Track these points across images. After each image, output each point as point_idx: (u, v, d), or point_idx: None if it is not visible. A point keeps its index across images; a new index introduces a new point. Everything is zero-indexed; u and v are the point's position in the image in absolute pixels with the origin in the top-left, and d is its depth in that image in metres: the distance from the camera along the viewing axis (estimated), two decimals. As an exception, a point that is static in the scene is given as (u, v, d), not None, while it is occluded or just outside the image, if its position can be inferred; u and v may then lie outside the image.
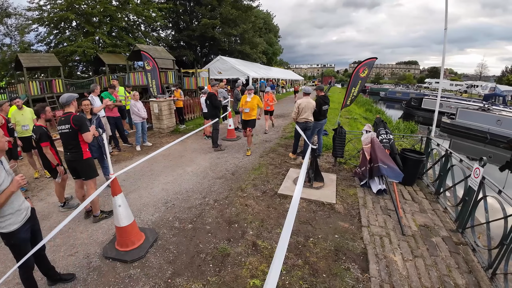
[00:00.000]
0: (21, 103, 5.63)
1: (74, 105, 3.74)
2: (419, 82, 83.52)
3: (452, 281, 2.72)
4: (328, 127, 8.86)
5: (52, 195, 4.77)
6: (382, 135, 5.12)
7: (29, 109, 5.77)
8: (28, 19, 19.53)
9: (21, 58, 13.57)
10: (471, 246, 3.24)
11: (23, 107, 5.67)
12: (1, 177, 2.11)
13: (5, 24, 18.49)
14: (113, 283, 2.81)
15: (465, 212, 3.45)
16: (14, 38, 19.28)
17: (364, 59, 8.28)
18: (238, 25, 28.28)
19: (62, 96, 3.71)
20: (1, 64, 17.86)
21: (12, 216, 2.21)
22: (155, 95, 9.45)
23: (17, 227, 2.24)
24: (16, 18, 19.11)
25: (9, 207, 2.19)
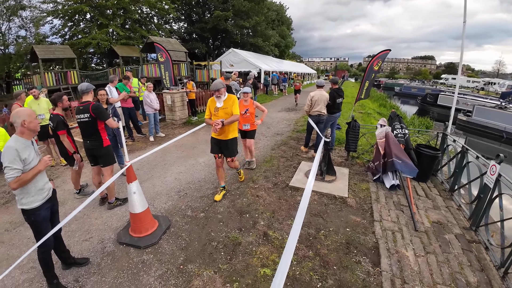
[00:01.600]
0: (38, 93, 5.77)
1: (92, 94, 3.82)
2: (435, 77, 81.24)
3: (464, 279, 2.67)
4: (341, 121, 8.73)
5: (67, 183, 4.90)
6: (397, 130, 5.00)
7: (45, 99, 5.91)
8: (43, 11, 19.87)
9: (36, 49, 13.88)
10: (484, 244, 3.17)
11: (39, 97, 5.82)
12: (31, 156, 2.29)
13: (20, 16, 18.80)
14: (126, 268, 2.88)
15: (479, 210, 3.37)
16: (29, 31, 19.66)
17: (378, 52, 8.10)
18: (251, 17, 28.07)
19: (81, 84, 3.80)
20: (16, 56, 18.30)
21: (35, 195, 2.35)
22: (168, 87, 9.51)
23: (38, 205, 2.37)
24: (31, 11, 19.44)
25: (33, 186, 2.33)
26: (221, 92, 3.81)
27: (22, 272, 2.87)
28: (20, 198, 2.32)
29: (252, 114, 5.13)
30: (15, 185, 2.20)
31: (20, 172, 2.20)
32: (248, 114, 5.06)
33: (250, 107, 5.08)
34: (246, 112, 5.03)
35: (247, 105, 5.08)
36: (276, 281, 1.48)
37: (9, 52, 18.61)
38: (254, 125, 5.22)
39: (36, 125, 2.38)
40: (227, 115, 3.85)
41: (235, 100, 3.91)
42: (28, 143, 2.34)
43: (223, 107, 3.87)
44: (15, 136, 2.31)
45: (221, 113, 3.87)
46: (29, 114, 2.33)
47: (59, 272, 2.75)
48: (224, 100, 3.87)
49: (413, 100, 29.09)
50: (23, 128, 2.30)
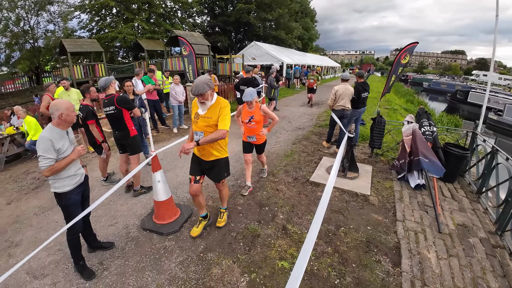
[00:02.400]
0: (68, 84, 6.03)
1: (113, 86, 3.96)
2: (466, 73, 76.90)
3: (486, 284, 2.56)
4: (366, 117, 8.47)
5: (95, 170, 5.15)
6: (425, 127, 4.78)
7: (75, 90, 6.16)
8: (70, 6, 20.57)
9: (65, 43, 14.47)
10: (509, 250, 3.00)
11: (70, 88, 6.09)
12: (65, 146, 2.39)
13: (48, 11, 19.51)
14: (149, 253, 2.99)
15: (506, 214, 3.18)
16: (58, 25, 20.38)
17: (405, 45, 7.78)
18: (274, 9, 27.70)
19: (100, 80, 3.94)
20: (45, 49, 19.11)
21: (67, 179, 2.46)
22: (191, 80, 9.66)
23: (69, 189, 2.48)
24: (58, 6, 20.12)
25: (66, 171, 2.44)
26: (205, 97, 2.70)
27: (49, 254, 3.05)
28: (53, 182, 2.43)
29: (259, 123, 3.97)
30: (48, 173, 2.30)
31: (54, 161, 2.30)
32: (253, 123, 3.92)
33: (256, 114, 3.90)
34: (251, 121, 3.91)
35: (252, 111, 3.91)
36: (294, 274, 1.47)
37: (38, 46, 19.38)
38: (262, 136, 4.10)
39: (73, 118, 2.45)
40: (209, 128, 2.79)
41: (225, 108, 2.78)
42: (63, 133, 2.43)
43: (205, 116, 2.78)
44: (50, 126, 2.39)
45: (201, 124, 2.81)
46: (67, 107, 2.40)
47: (85, 254, 2.88)
48: (210, 107, 2.78)
49: (442, 97, 27.68)
50: (60, 120, 2.37)
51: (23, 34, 18.25)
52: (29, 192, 4.58)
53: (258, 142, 4.13)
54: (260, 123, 4.01)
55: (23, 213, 3.93)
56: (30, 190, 4.65)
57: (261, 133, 4.05)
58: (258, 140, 4.09)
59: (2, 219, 3.82)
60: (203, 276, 2.67)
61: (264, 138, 4.20)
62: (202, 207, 3.27)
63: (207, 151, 2.91)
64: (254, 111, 3.91)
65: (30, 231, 3.49)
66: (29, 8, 18.15)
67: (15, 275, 2.75)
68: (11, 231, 3.53)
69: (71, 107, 2.44)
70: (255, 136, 4.03)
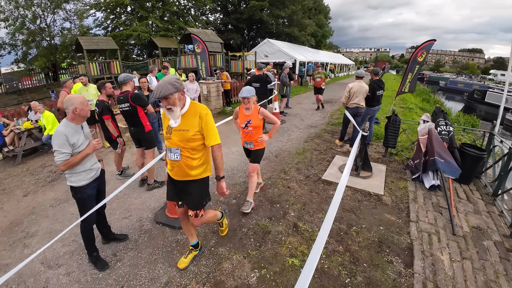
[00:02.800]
0: (86, 80, 6.20)
1: (131, 84, 4.03)
2: (483, 72, 74.45)
3: None
4: (380, 116, 8.31)
5: (110, 165, 5.27)
6: (441, 127, 4.67)
7: (94, 86, 6.30)
8: (86, 4, 20.99)
9: (81, 41, 14.78)
10: None
11: (88, 83, 6.25)
12: (80, 141, 2.42)
13: (64, 9, 19.90)
14: (161, 246, 3.05)
15: None
16: (74, 23, 20.82)
17: (422, 43, 7.55)
18: (287, 6, 27.50)
19: (120, 75, 4.01)
20: (62, 47, 19.54)
21: (83, 173, 2.50)
22: (204, 77, 9.73)
23: (85, 183, 2.52)
24: (74, 4, 20.52)
25: (82, 166, 2.49)
26: (171, 101, 2.10)
27: (64, 245, 3.14)
28: (69, 176, 2.48)
29: (257, 129, 3.48)
30: (63, 168, 2.35)
31: (69, 156, 2.33)
32: (250, 128, 3.45)
33: (253, 118, 3.42)
34: (247, 126, 3.46)
35: (249, 114, 3.43)
36: (305, 271, 1.47)
37: (55, 43, 19.82)
38: (260, 142, 3.56)
39: (86, 112, 2.49)
40: (187, 144, 2.24)
41: (206, 116, 2.23)
42: (78, 128, 2.46)
43: (179, 129, 2.22)
44: (65, 121, 2.42)
45: (175, 139, 2.24)
46: (81, 101, 2.43)
47: (99, 246, 2.96)
48: (184, 115, 2.22)
49: (459, 96, 27.04)
50: (74, 114, 2.41)
51: (39, 32, 18.71)
52: (45, 185, 4.74)
53: (255, 148, 3.60)
54: (259, 129, 3.51)
55: (39, 205, 4.08)
56: (47, 183, 4.81)
57: (260, 140, 3.53)
58: (255, 146, 3.58)
59: (19, 210, 3.97)
60: (214, 270, 2.70)
61: (263, 145, 3.63)
62: (193, 234, 2.77)
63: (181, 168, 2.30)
64: (251, 115, 3.42)
65: (45, 222, 3.61)
66: (45, 6, 18.57)
67: (29, 265, 2.84)
68: (27, 222, 3.67)
69: (85, 102, 2.47)
70: (253, 143, 3.56)
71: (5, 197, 4.40)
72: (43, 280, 2.67)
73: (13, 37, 18.36)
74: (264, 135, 3.62)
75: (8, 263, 2.91)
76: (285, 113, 9.58)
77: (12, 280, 2.67)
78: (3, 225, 3.64)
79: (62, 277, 2.69)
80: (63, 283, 2.62)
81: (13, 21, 17.88)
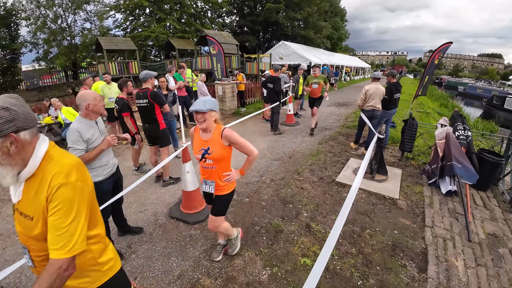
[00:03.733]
0: (109, 78, 6.42)
1: (151, 82, 4.14)
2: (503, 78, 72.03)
3: None
4: (396, 119, 8.16)
5: (127, 160, 5.43)
6: (460, 131, 4.57)
7: (116, 84, 6.56)
8: (106, 6, 21.57)
9: (101, 41, 15.23)
10: None
11: (111, 82, 6.46)
12: (95, 136, 2.42)
13: (85, 10, 20.46)
14: (175, 240, 3.12)
15: None
16: (94, 23, 21.38)
17: (438, 46, 7.40)
18: (303, 8, 27.42)
19: (141, 73, 4.13)
20: (82, 46, 20.07)
21: (99, 169, 2.50)
22: (220, 78, 9.86)
23: (101, 179, 2.52)
24: (94, 5, 21.10)
25: (98, 161, 2.48)
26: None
27: None
28: None
29: (220, 162, 2.27)
30: None
31: (83, 152, 2.31)
32: (210, 162, 2.25)
33: (214, 145, 2.21)
34: (205, 158, 2.24)
35: (207, 140, 2.23)
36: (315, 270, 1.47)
37: (75, 43, 20.37)
38: (225, 183, 2.35)
39: (100, 108, 2.45)
40: None
41: None
42: (92, 123, 2.43)
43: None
44: (78, 117, 2.41)
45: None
46: (94, 97, 2.39)
47: (115, 237, 3.05)
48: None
49: (478, 102, 26.16)
50: (87, 110, 2.38)
51: (60, 31, 19.29)
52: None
53: (216, 193, 2.37)
54: (223, 162, 2.30)
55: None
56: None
57: (226, 180, 2.33)
58: (217, 190, 2.35)
59: None
60: (226, 265, 2.73)
61: (229, 188, 2.41)
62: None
63: None
64: (210, 140, 2.22)
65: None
66: (66, 6, 19.21)
67: None
68: None
69: (98, 98, 2.44)
70: (214, 184, 2.33)
71: (26, 189, 4.58)
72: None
73: (35, 35, 18.93)
74: (234, 171, 2.41)
75: None
76: (299, 114, 9.56)
77: (27, 268, 2.73)
78: None
79: (77, 266, 2.78)
80: (78, 273, 2.71)
81: (34, 20, 18.49)
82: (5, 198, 4.28)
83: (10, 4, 17.78)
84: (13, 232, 3.38)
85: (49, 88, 18.30)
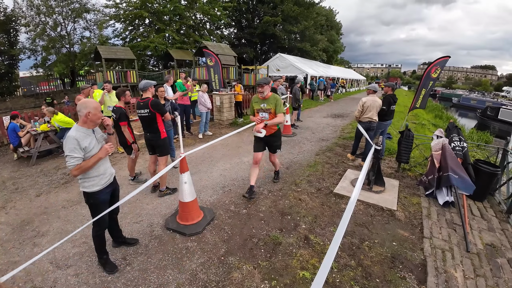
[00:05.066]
0: (110, 87, 6.42)
1: (151, 91, 4.14)
2: (496, 89, 73.93)
3: None
4: (392, 131, 8.24)
5: (123, 170, 5.37)
6: (455, 142, 4.62)
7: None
8: (106, 15, 21.76)
9: (100, 50, 15.28)
10: None
11: (112, 90, 6.46)
12: (91, 144, 2.40)
13: (85, 18, 20.73)
14: (171, 252, 3.05)
15: None
16: (93, 32, 21.59)
17: (435, 59, 7.55)
18: (299, 22, 28.01)
19: (140, 83, 4.13)
20: (81, 55, 20.13)
21: (96, 179, 2.48)
22: (217, 89, 9.92)
23: (98, 189, 2.51)
24: (94, 14, 21.35)
25: (95, 171, 2.46)
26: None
27: (74, 246, 3.17)
28: (82, 182, 2.45)
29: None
30: (76, 172, 2.31)
31: (81, 160, 2.30)
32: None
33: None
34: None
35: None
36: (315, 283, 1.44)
37: (74, 51, 20.45)
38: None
39: (98, 118, 2.46)
40: None
41: None
42: (89, 132, 2.43)
43: None
44: (76, 126, 2.40)
45: None
46: (95, 107, 2.41)
47: (109, 249, 2.97)
48: None
49: (472, 113, 26.63)
50: (86, 118, 2.38)
51: (60, 39, 19.36)
52: (58, 186, 4.83)
53: None
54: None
55: (51, 206, 4.14)
56: (60, 185, 4.90)
57: None
58: None
59: (31, 210, 4.04)
60: (224, 279, 2.67)
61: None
62: None
63: None
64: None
65: (57, 223, 3.66)
66: (66, 14, 19.37)
67: (38, 264, 2.87)
68: (38, 221, 3.72)
69: (99, 107, 2.46)
70: None
71: (18, 196, 4.50)
72: (51, 279, 2.68)
73: (34, 42, 18.99)
74: None
75: (17, 260, 2.93)
76: (296, 126, 9.60)
77: (19, 278, 2.69)
78: (15, 223, 3.70)
79: (70, 277, 2.70)
80: (71, 283, 2.63)
81: (34, 27, 18.59)
82: None
83: (10, 10, 17.82)
84: (5, 240, 3.30)
85: (46, 95, 18.24)
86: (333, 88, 20.11)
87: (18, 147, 6.32)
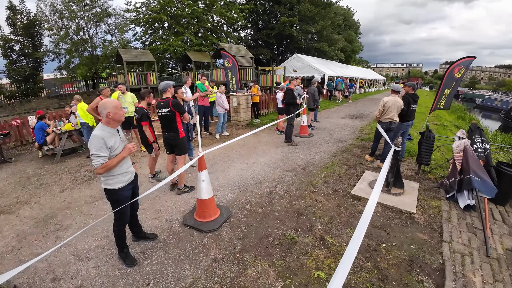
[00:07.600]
0: (124, 88, 6.64)
1: (170, 91, 4.26)
2: (521, 90, 69.45)
3: None
4: (413, 132, 8.01)
5: (144, 168, 5.55)
6: (477, 144, 4.44)
7: (130, 94, 6.77)
8: (126, 19, 22.37)
9: (121, 52, 15.80)
10: None
11: (126, 91, 6.67)
12: (116, 143, 2.50)
13: (106, 23, 21.19)
14: (188, 247, 3.13)
15: None
16: (114, 36, 22.05)
17: (458, 59, 7.23)
18: (317, 22, 27.74)
19: (160, 84, 4.27)
20: (103, 57, 20.70)
21: (120, 176, 2.59)
22: (234, 90, 10.04)
23: (121, 186, 2.61)
24: (115, 18, 21.81)
25: (119, 169, 2.57)
26: None
27: (96, 239, 3.31)
28: (105, 179, 2.53)
29: None
30: (101, 171, 2.38)
31: (107, 159, 2.38)
32: None
33: None
34: None
35: None
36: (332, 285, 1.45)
37: (96, 54, 21.02)
38: None
39: (120, 116, 2.52)
40: None
41: None
42: (114, 131, 2.51)
43: None
44: (101, 125, 2.47)
45: None
46: (114, 106, 2.46)
47: (129, 243, 3.08)
48: None
49: (496, 114, 25.35)
50: (108, 118, 2.45)
51: (82, 42, 20.03)
52: (82, 183, 5.06)
53: None
54: None
55: (74, 201, 4.35)
56: (83, 181, 5.13)
57: None
58: None
59: (55, 204, 4.26)
60: (239, 275, 2.71)
61: None
62: None
63: None
64: None
65: (79, 217, 3.83)
66: (88, 19, 20.09)
67: (60, 256, 3.03)
68: (61, 215, 3.92)
69: (118, 106, 2.50)
70: None
71: (42, 191, 4.76)
72: (72, 271, 2.82)
73: (57, 46, 19.66)
74: None
75: (39, 252, 3.09)
76: (313, 126, 9.54)
77: (41, 269, 2.85)
78: (38, 216, 3.92)
79: (91, 269, 2.83)
80: (91, 275, 2.76)
81: (57, 30, 19.33)
82: (22, 200, 4.47)
83: (34, 14, 18.69)
84: (29, 233, 3.51)
85: (69, 96, 19.05)
86: (351, 89, 19.76)
87: (43, 145, 6.66)
